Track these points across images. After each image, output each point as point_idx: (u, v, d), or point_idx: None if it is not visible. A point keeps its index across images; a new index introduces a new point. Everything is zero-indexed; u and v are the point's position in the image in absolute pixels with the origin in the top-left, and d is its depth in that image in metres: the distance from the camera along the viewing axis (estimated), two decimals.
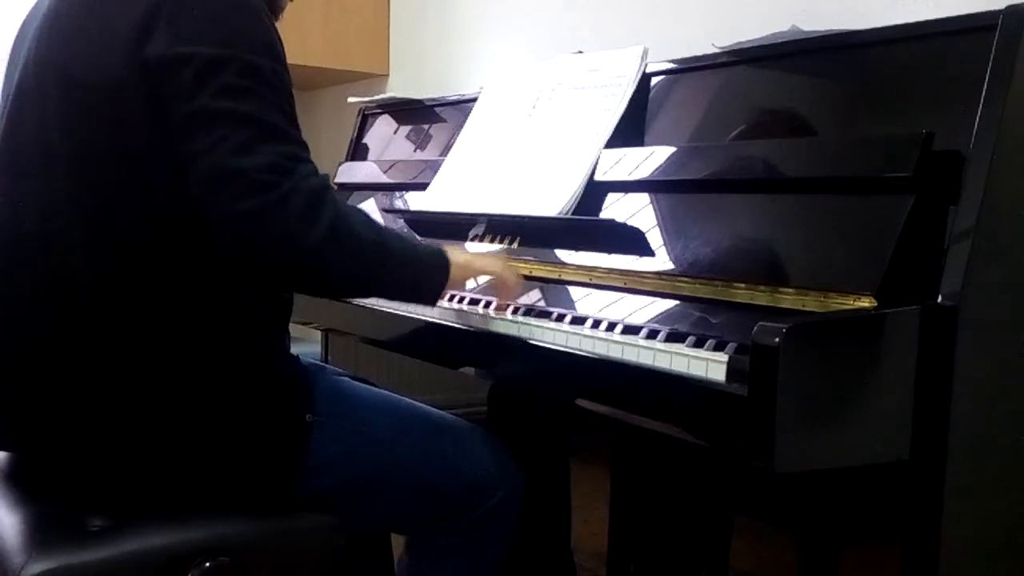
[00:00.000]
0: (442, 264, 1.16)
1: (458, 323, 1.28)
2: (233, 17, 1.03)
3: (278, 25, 1.11)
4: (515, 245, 1.38)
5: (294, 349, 1.19)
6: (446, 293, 1.22)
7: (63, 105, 1.05)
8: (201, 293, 1.07)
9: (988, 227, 0.93)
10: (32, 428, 1.11)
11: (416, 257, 1.14)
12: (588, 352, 1.07)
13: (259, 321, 1.12)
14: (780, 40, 1.22)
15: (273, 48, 1.05)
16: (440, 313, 1.32)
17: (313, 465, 1.14)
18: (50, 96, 1.06)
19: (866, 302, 0.94)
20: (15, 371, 1.08)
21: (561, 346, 1.11)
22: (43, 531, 1.04)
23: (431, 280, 1.15)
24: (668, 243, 1.18)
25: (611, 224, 1.25)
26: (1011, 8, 0.97)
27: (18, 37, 1.18)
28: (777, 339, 0.83)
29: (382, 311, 1.43)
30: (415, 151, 1.90)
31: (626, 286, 1.20)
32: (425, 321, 1.34)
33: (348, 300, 1.51)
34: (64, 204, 1.05)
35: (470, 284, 1.32)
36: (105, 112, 1.03)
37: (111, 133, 1.03)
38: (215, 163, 0.98)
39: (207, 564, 1.04)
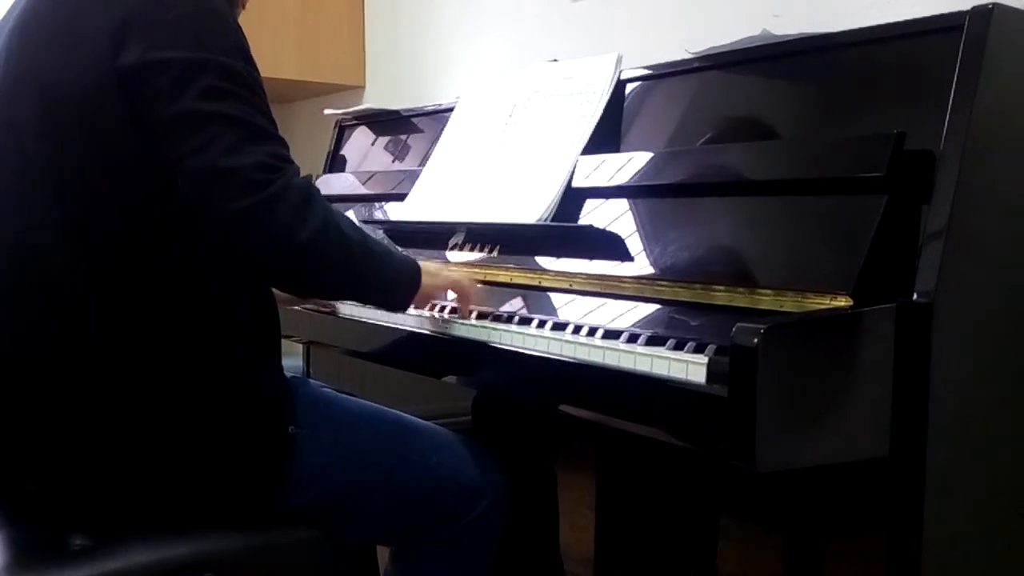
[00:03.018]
0: (415, 271, 1.19)
1: (440, 332, 1.28)
2: (204, 23, 1.04)
3: (252, 35, 1.11)
4: (495, 253, 1.38)
5: None
6: (417, 301, 1.23)
7: (39, 115, 1.05)
8: (185, 303, 1.07)
9: (960, 224, 0.94)
10: (11, 441, 1.10)
11: (393, 262, 1.16)
12: (570, 357, 1.07)
13: (244, 332, 1.12)
14: (752, 44, 1.23)
15: (245, 51, 1.07)
16: (421, 322, 1.32)
17: (297, 478, 1.13)
18: (25, 106, 1.06)
19: (843, 301, 0.95)
20: None
21: (543, 352, 1.11)
22: (25, 551, 1.03)
23: (406, 285, 1.18)
24: (647, 247, 1.19)
25: (589, 230, 1.25)
26: (976, 8, 0.99)
27: None
28: (755, 340, 0.84)
29: (364, 323, 1.43)
30: (393, 162, 1.90)
31: (606, 291, 1.20)
32: (407, 331, 1.34)
33: (329, 311, 1.51)
34: (43, 214, 1.05)
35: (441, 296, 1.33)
36: (81, 121, 1.03)
37: (88, 142, 1.03)
38: (207, 164, 0.99)
39: None
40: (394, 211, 1.68)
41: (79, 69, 1.03)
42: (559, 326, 1.17)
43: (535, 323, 1.20)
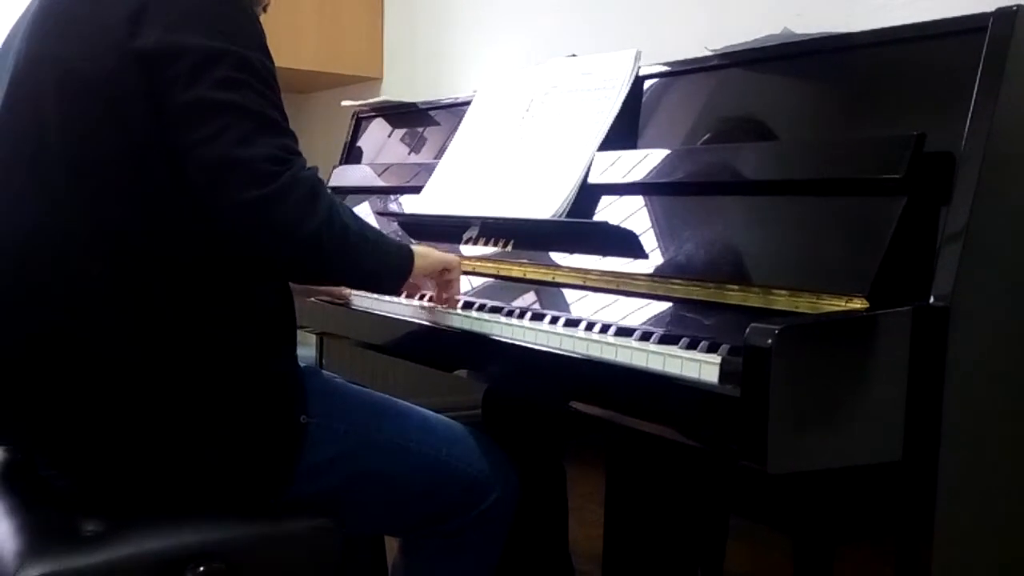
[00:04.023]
0: (407, 255, 1.20)
1: (451, 325, 1.28)
2: (222, 11, 1.05)
3: (271, 26, 1.12)
4: (509, 248, 1.38)
5: None
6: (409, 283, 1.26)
7: (60, 98, 1.06)
8: (201, 291, 1.07)
9: (979, 228, 0.93)
10: (28, 426, 1.11)
11: (387, 248, 1.18)
12: (582, 354, 1.07)
13: (258, 320, 1.12)
14: (772, 43, 1.23)
15: (263, 44, 1.08)
16: (433, 315, 1.32)
17: (307, 467, 1.14)
18: (46, 89, 1.07)
19: (858, 303, 0.94)
20: (13, 368, 1.08)
21: (555, 348, 1.11)
22: (37, 536, 1.03)
23: (398, 269, 1.19)
24: (661, 245, 1.18)
25: (604, 226, 1.25)
26: (1000, 10, 0.98)
27: (9, 35, 1.18)
28: (769, 340, 0.83)
29: (377, 315, 1.43)
30: (409, 154, 1.90)
31: (620, 288, 1.20)
32: (418, 323, 1.34)
33: (342, 302, 1.51)
34: (62, 198, 1.05)
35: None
36: (102, 104, 1.04)
37: (109, 126, 1.04)
38: (220, 153, 1.00)
39: (201, 569, 1.04)
40: (409, 204, 1.68)
41: (99, 54, 1.04)
42: (572, 322, 1.17)
43: (548, 319, 1.20)
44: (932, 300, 0.92)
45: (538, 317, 1.21)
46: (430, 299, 1.36)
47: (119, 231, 1.05)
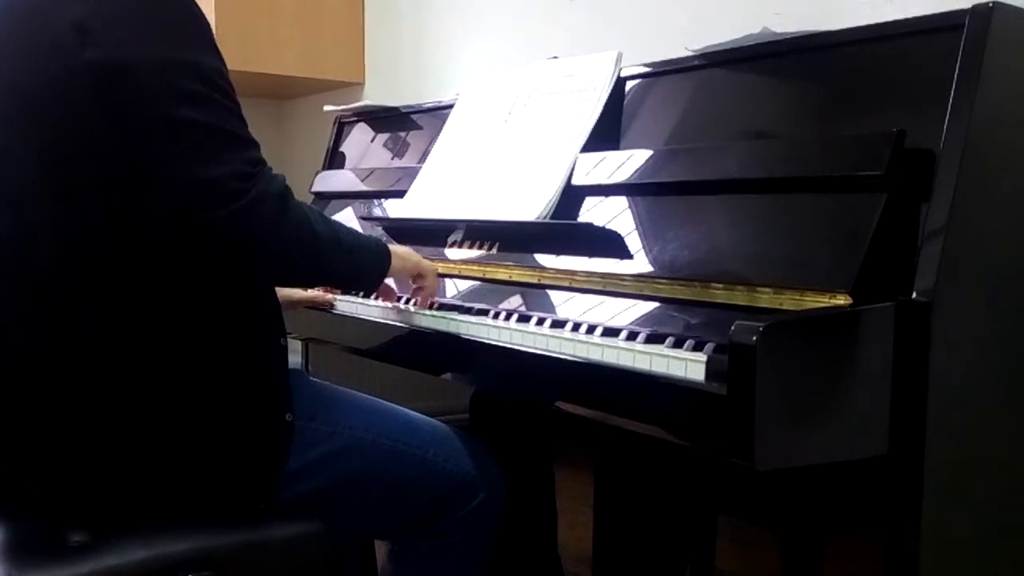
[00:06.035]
0: (384, 254, 1.23)
1: (438, 328, 1.28)
2: (172, 13, 1.03)
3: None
4: (494, 251, 1.38)
5: None
6: (383, 285, 1.31)
7: (12, 110, 1.05)
8: (182, 293, 1.07)
9: (960, 223, 0.94)
10: (11, 433, 1.10)
11: (363, 249, 1.21)
12: (569, 355, 1.07)
13: (243, 320, 1.12)
14: (752, 42, 1.23)
15: (212, 42, 1.06)
16: (420, 319, 1.32)
17: (294, 468, 1.13)
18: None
19: (842, 299, 0.95)
20: None
21: (542, 350, 1.11)
22: (24, 547, 1.03)
23: (374, 269, 1.22)
24: (646, 245, 1.19)
25: (589, 228, 1.25)
26: (977, 7, 0.99)
27: None
28: (754, 338, 0.83)
29: (362, 319, 1.43)
30: (392, 159, 1.90)
31: (605, 289, 1.20)
32: (405, 328, 1.34)
33: (324, 308, 1.51)
34: (30, 207, 1.04)
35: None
36: (57, 115, 1.02)
37: (69, 137, 1.02)
38: (186, 173, 1.01)
39: None
40: (393, 208, 1.68)
41: (45, 60, 1.01)
42: (558, 324, 1.17)
43: (534, 320, 1.20)
44: (915, 295, 0.92)
45: (524, 319, 1.22)
46: (439, 307, 1.35)
47: (87, 238, 1.04)
